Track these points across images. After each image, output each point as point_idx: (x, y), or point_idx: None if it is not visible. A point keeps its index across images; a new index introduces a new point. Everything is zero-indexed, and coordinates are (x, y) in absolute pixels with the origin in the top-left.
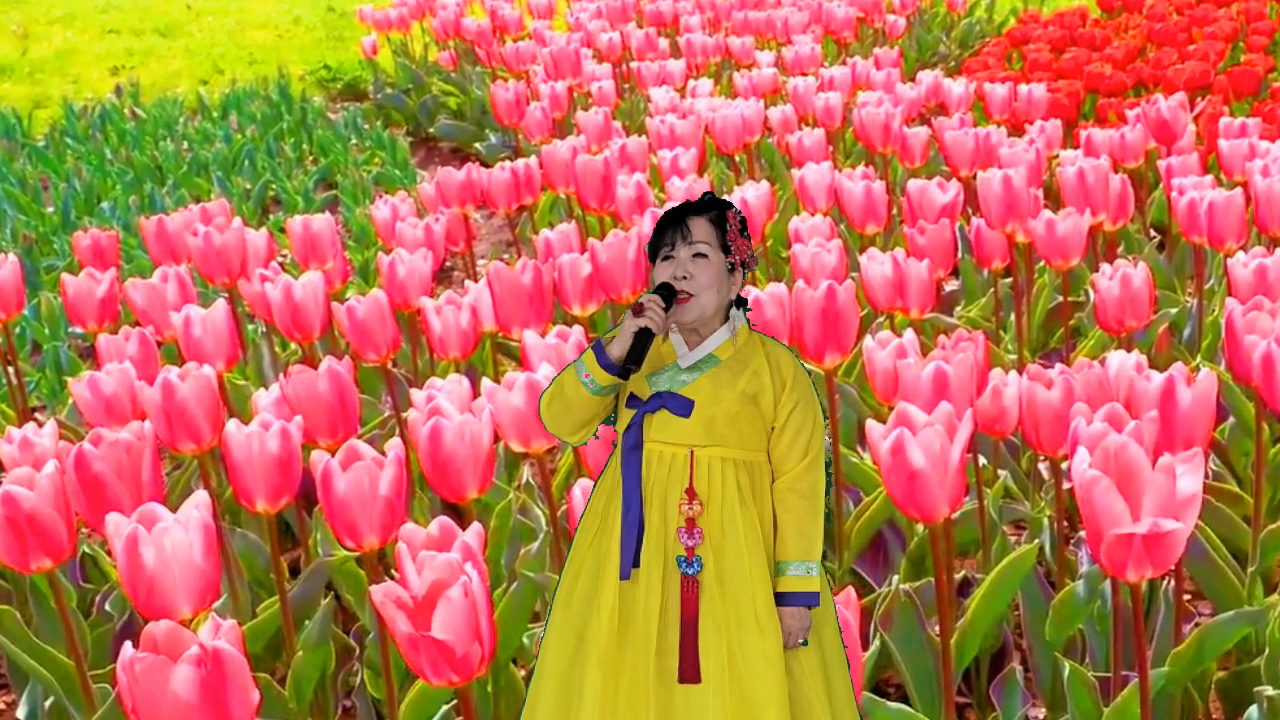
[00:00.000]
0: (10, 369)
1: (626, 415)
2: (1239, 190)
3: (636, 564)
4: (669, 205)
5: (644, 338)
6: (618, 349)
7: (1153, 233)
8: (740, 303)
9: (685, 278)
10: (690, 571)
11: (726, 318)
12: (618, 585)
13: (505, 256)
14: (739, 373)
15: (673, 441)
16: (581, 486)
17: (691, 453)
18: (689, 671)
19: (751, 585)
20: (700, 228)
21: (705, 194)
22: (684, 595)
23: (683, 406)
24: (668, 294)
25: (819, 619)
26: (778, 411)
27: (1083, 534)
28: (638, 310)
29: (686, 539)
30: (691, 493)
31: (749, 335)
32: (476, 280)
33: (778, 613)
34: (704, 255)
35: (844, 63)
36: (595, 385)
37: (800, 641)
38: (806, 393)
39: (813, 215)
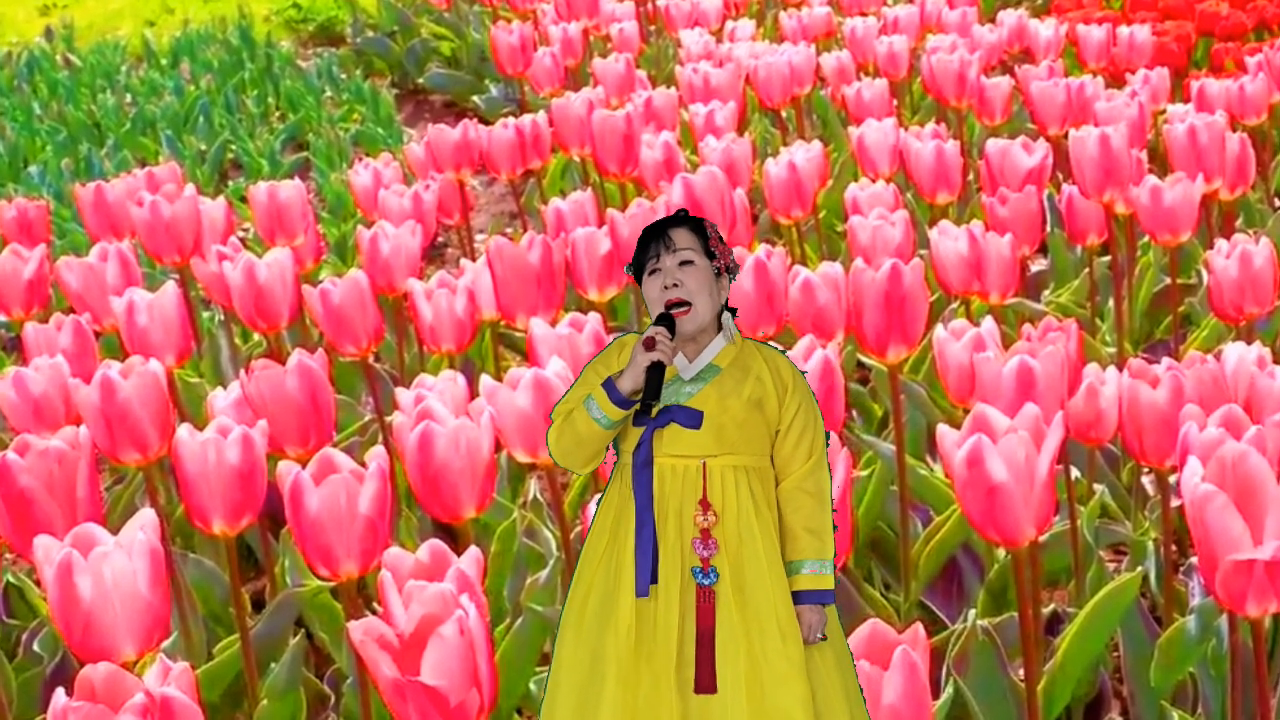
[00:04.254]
0: None
1: (634, 433)
2: None
3: (654, 580)
4: (694, 184)
5: (657, 372)
6: (630, 384)
7: (1278, 202)
8: (727, 310)
9: (676, 285)
10: (706, 582)
11: (720, 327)
12: (634, 602)
13: (508, 230)
14: (742, 380)
15: (684, 454)
16: (598, 504)
17: (704, 463)
18: (705, 682)
19: (772, 592)
20: (682, 236)
21: (679, 211)
22: (699, 606)
23: (692, 418)
24: (669, 323)
25: (831, 623)
26: (782, 414)
27: (1194, 560)
28: (648, 345)
29: (702, 550)
30: (706, 503)
31: (743, 342)
32: (474, 259)
33: (795, 611)
34: (690, 262)
35: (911, 0)
36: (608, 421)
37: (820, 636)
38: (807, 394)
39: (874, 182)
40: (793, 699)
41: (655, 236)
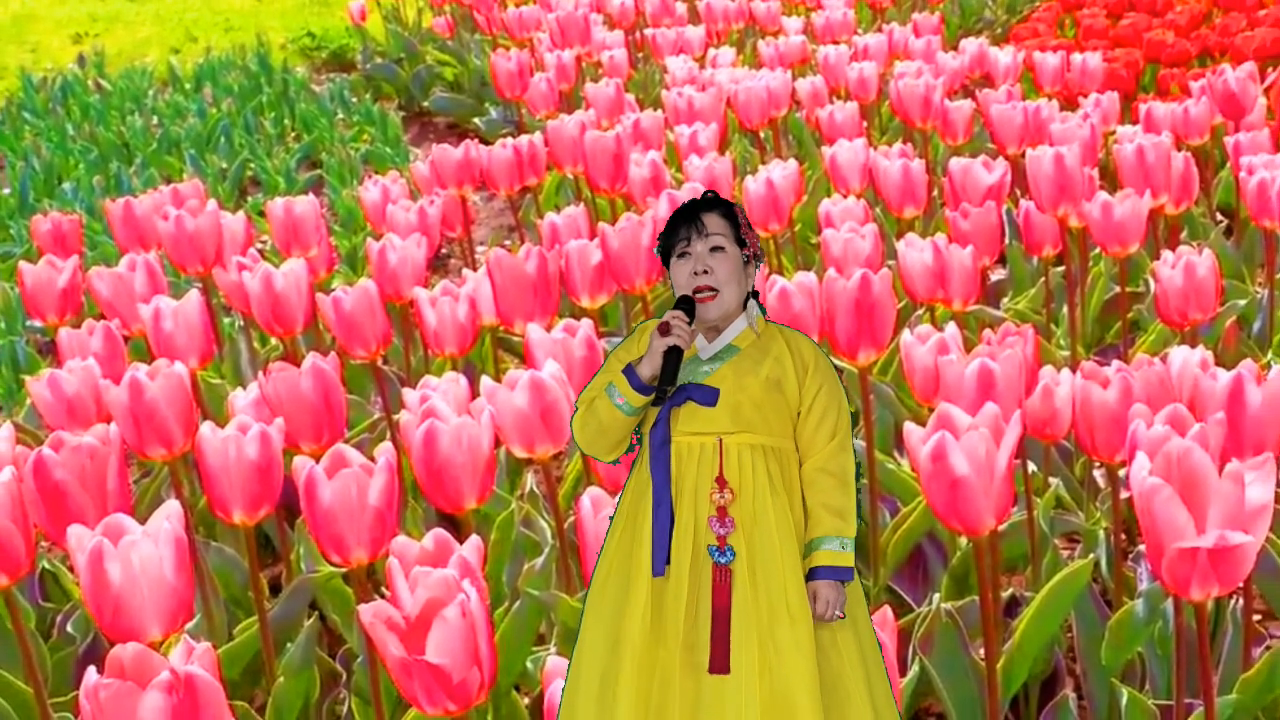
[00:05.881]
0: None
1: (652, 413)
2: None
3: (669, 560)
4: (679, 200)
5: (674, 356)
6: (648, 370)
7: (1219, 216)
8: (753, 295)
9: (706, 272)
10: (723, 560)
11: (743, 310)
12: (650, 581)
13: (507, 242)
14: (761, 360)
15: (701, 431)
16: (591, 496)
17: (720, 441)
18: (719, 662)
19: (783, 572)
20: (714, 221)
21: (707, 191)
22: (715, 585)
23: (708, 396)
24: (689, 307)
25: (854, 604)
26: (802, 396)
27: (1142, 548)
28: (664, 329)
29: (718, 528)
30: (722, 481)
31: (766, 325)
32: (475, 269)
33: (813, 586)
34: (721, 248)
35: (880, 29)
36: (630, 408)
37: (838, 614)
38: (830, 376)
39: (845, 197)
40: (798, 681)
41: (687, 219)
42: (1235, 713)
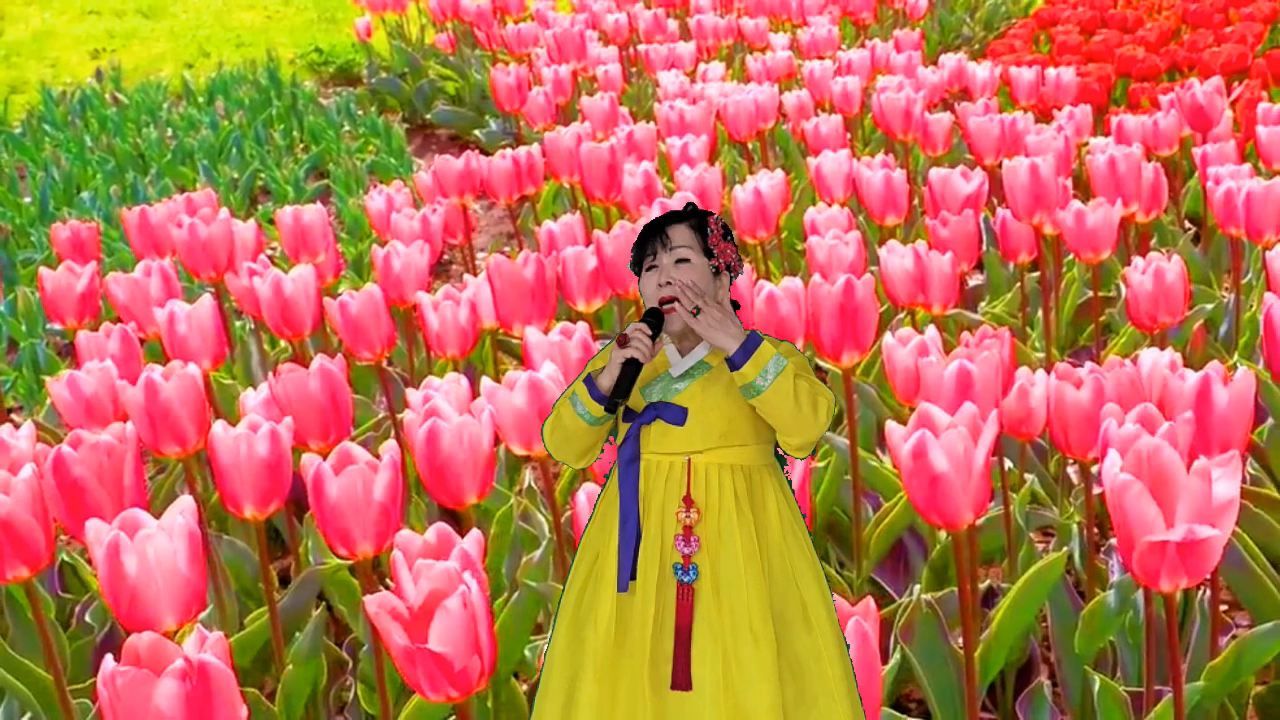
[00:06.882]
0: None
1: (623, 428)
2: (1278, 179)
3: (634, 576)
4: (670, 208)
5: (631, 369)
6: (607, 381)
7: (1187, 224)
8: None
9: (670, 284)
10: (686, 579)
11: None
12: (615, 596)
13: (506, 249)
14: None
15: (670, 451)
16: (586, 492)
17: (689, 460)
18: (680, 679)
19: (747, 592)
20: (680, 234)
21: (687, 204)
22: (679, 603)
23: (677, 415)
24: (655, 321)
25: (835, 636)
26: None
27: (1114, 541)
28: (623, 341)
29: (683, 547)
30: (689, 500)
31: None
32: (476, 274)
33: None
34: (686, 260)
35: (863, 45)
36: (590, 417)
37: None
38: (803, 368)
39: (830, 206)
40: (761, 703)
41: (654, 234)
42: (1202, 699)
